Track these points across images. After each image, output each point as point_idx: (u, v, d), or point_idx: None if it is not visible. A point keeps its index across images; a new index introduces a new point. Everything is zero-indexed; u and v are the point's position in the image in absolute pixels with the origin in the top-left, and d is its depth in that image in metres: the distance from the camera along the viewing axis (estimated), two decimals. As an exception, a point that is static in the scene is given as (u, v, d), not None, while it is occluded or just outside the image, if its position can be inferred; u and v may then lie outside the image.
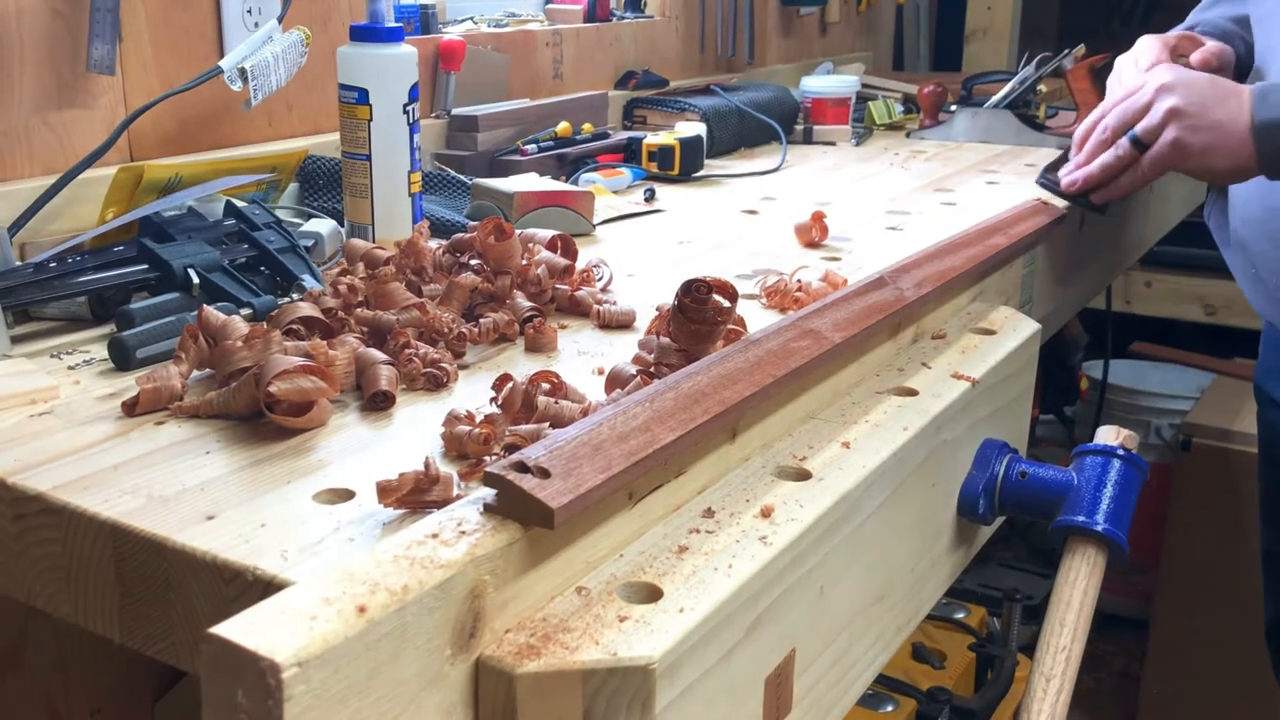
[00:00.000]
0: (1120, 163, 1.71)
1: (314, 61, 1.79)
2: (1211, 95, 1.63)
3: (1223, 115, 1.61)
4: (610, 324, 1.35)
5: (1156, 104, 1.65)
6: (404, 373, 1.14)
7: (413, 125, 1.59)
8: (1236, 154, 1.60)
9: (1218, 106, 1.61)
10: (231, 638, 0.62)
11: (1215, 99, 1.62)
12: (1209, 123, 1.61)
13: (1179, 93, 1.63)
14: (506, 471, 0.78)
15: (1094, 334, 3.87)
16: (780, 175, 2.38)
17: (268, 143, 1.88)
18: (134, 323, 1.21)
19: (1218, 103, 1.62)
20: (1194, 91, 1.63)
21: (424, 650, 0.70)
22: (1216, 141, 1.61)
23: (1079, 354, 3.88)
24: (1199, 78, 1.66)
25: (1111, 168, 1.72)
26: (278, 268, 1.38)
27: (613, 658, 0.73)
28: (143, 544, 0.85)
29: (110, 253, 1.33)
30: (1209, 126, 1.61)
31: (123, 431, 1.03)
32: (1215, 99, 1.62)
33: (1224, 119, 1.61)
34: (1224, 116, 1.61)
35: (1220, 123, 1.61)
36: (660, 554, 0.86)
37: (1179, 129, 1.62)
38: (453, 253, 1.41)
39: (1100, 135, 1.73)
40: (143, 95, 1.67)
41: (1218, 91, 1.63)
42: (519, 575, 0.77)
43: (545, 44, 2.53)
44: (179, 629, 0.84)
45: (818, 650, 0.97)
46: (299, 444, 1.01)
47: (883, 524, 1.06)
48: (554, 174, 2.09)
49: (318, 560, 0.81)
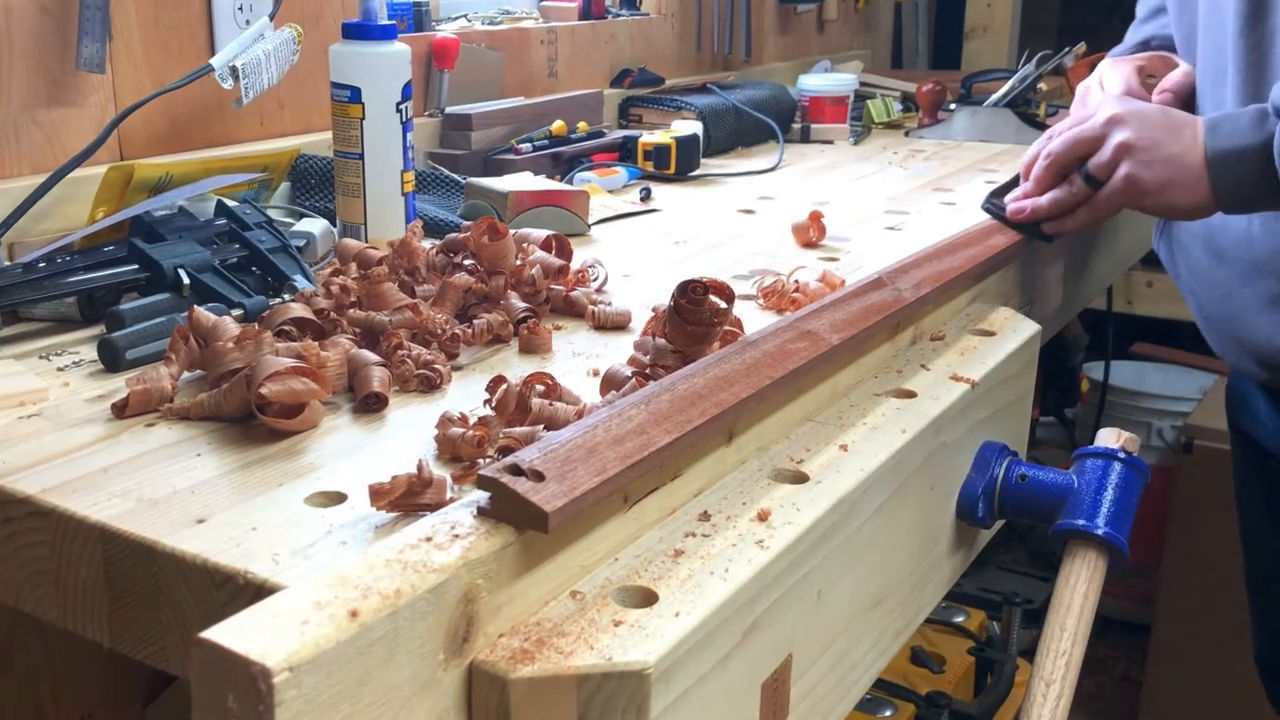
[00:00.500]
0: (1073, 199, 1.62)
1: (306, 59, 1.79)
2: (1164, 128, 1.55)
3: (1176, 149, 1.53)
4: (605, 325, 1.35)
5: (1108, 138, 1.56)
6: (397, 374, 1.14)
7: (406, 124, 1.59)
8: (1194, 189, 1.52)
9: (1171, 140, 1.53)
10: (222, 642, 0.62)
11: (1168, 132, 1.54)
12: (1163, 157, 1.53)
13: (1130, 126, 1.55)
14: (500, 474, 0.78)
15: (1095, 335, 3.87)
16: (777, 174, 2.38)
17: (259, 141, 1.88)
18: (124, 323, 1.21)
19: (1171, 136, 1.54)
20: (1146, 125, 1.55)
21: (417, 655, 0.70)
22: (1172, 177, 1.52)
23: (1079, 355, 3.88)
24: (1150, 110, 1.59)
25: (1063, 203, 1.63)
26: (269, 268, 1.38)
27: (607, 663, 0.73)
28: (132, 547, 0.85)
29: (100, 253, 1.33)
30: (1163, 161, 1.53)
31: (112, 434, 1.03)
32: (1168, 132, 1.54)
33: (1178, 152, 1.53)
34: (1178, 150, 1.53)
35: (1174, 156, 1.52)
36: (656, 558, 0.86)
37: (1132, 165, 1.54)
38: (446, 253, 1.41)
39: (1045, 162, 1.64)
40: (133, 93, 1.67)
41: (1170, 124, 1.56)
42: (513, 579, 0.77)
43: (540, 42, 2.53)
44: (169, 633, 0.84)
45: (815, 655, 0.97)
46: (290, 446, 1.01)
47: (881, 527, 1.07)
48: (549, 173, 2.09)
49: (309, 564, 0.81)
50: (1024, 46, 3.36)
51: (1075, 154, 1.60)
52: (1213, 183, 1.51)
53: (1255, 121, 1.49)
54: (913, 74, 3.75)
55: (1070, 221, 1.63)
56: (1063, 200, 1.62)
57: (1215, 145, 1.51)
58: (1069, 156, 1.60)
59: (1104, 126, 1.57)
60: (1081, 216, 1.62)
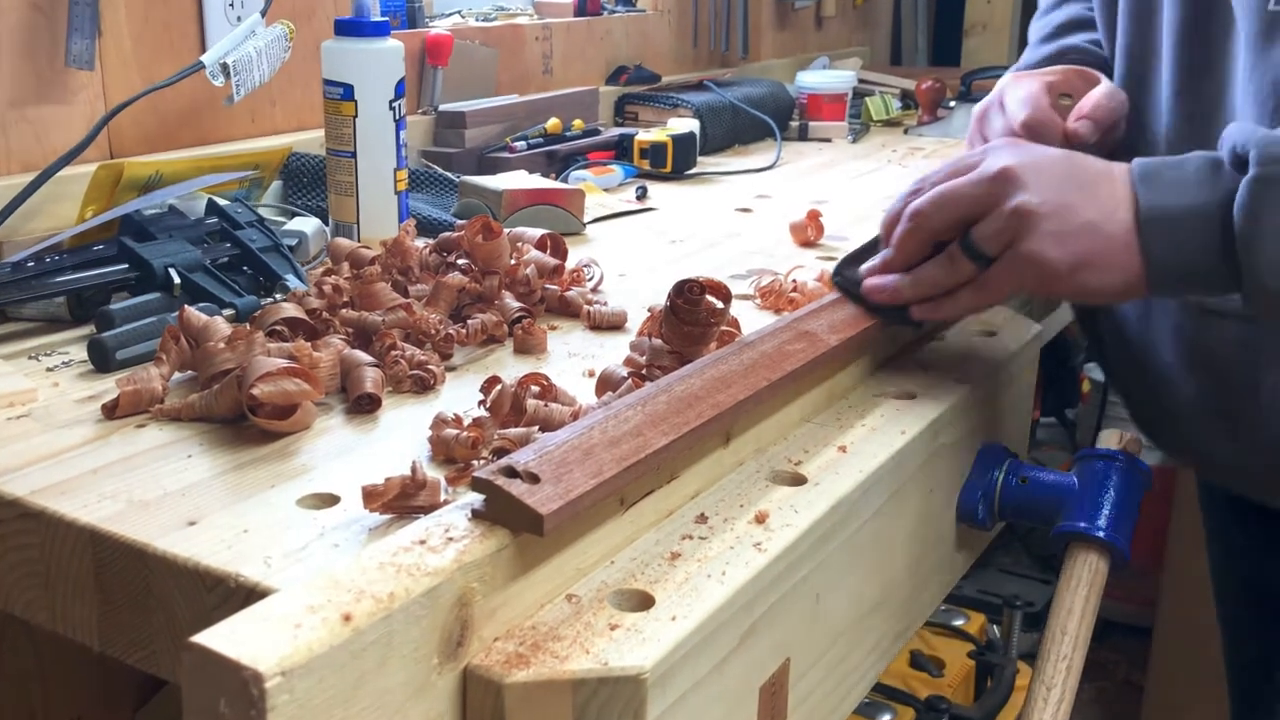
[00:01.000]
0: (951, 277, 1.18)
1: (298, 56, 1.79)
2: (1075, 183, 1.14)
3: (1094, 213, 1.12)
4: (601, 325, 1.35)
5: (1000, 200, 1.13)
6: (390, 375, 1.14)
7: (399, 121, 1.59)
8: (1118, 265, 1.12)
9: (1086, 201, 1.12)
10: (213, 646, 0.62)
11: (1081, 189, 1.13)
12: (1077, 226, 1.12)
13: (1030, 183, 1.13)
14: (495, 476, 0.78)
15: (1096, 335, 3.87)
16: (775, 173, 2.38)
17: (250, 139, 1.88)
18: (114, 323, 1.21)
19: (1086, 194, 1.13)
20: (1051, 180, 1.13)
21: (410, 659, 0.70)
22: (1090, 251, 1.11)
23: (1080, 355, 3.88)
24: (1054, 158, 1.17)
25: (936, 283, 1.19)
26: (261, 267, 1.38)
27: (604, 667, 0.73)
28: (123, 550, 0.85)
29: (89, 252, 1.33)
30: (1077, 231, 1.11)
31: (102, 435, 1.03)
32: (1081, 189, 1.13)
33: (1096, 218, 1.12)
34: (1096, 214, 1.12)
35: (1092, 224, 1.11)
36: (652, 561, 0.86)
37: (1035, 238, 1.12)
38: (440, 252, 1.41)
39: (908, 226, 1.19)
40: (123, 91, 1.67)
41: (1083, 177, 1.15)
42: (508, 582, 0.77)
43: (534, 38, 2.53)
44: (159, 637, 0.84)
45: (813, 659, 0.97)
46: (283, 448, 1.01)
47: (880, 530, 1.07)
48: (543, 171, 2.10)
49: (302, 567, 0.81)
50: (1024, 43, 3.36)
51: (952, 217, 1.17)
52: (1146, 254, 1.11)
53: (1205, 172, 1.11)
54: (912, 71, 3.75)
55: (949, 305, 1.20)
56: (936, 278, 1.19)
57: (1152, 202, 1.11)
58: (942, 220, 1.17)
59: (992, 182, 1.14)
60: (964, 301, 1.19)
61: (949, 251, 1.17)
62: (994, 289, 1.16)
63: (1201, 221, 1.09)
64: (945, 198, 1.16)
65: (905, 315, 1.21)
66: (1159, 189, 1.11)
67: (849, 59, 3.59)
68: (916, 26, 4.32)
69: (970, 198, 1.15)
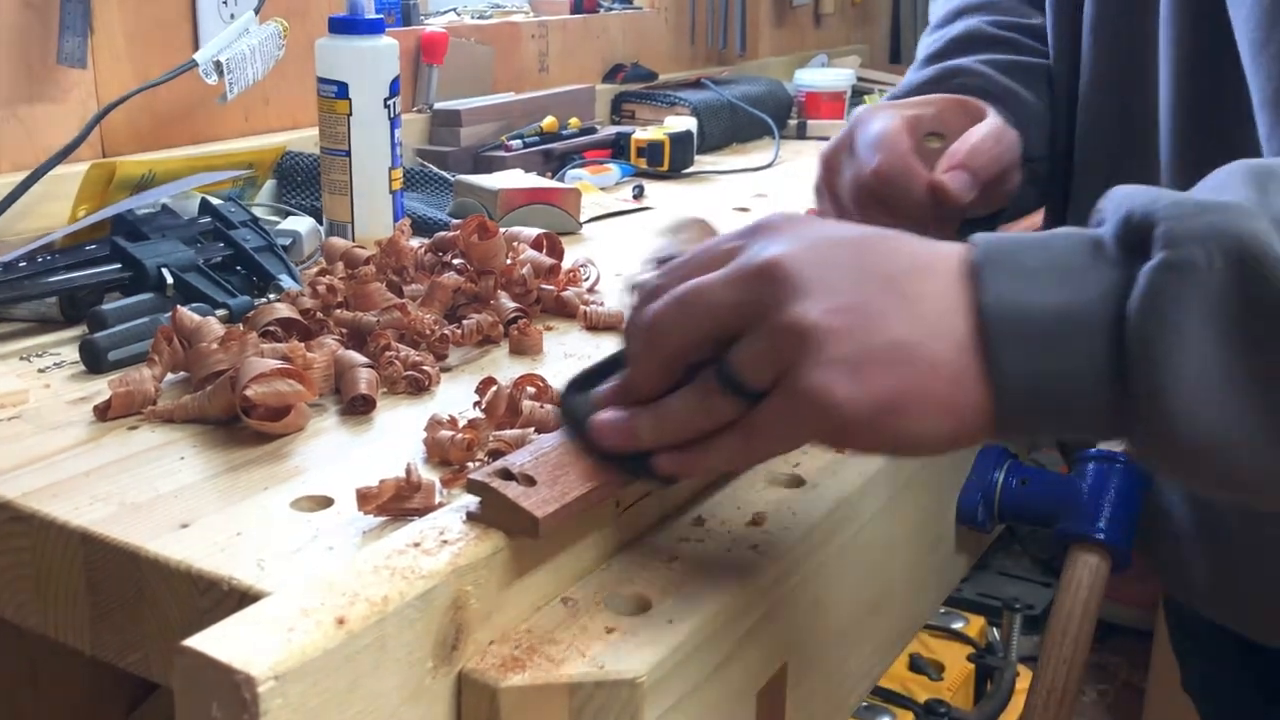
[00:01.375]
0: (704, 417, 0.77)
1: (292, 54, 1.79)
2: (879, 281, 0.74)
3: (906, 325, 0.72)
4: (598, 325, 1.35)
5: (768, 311, 0.73)
6: (384, 376, 1.14)
7: (394, 120, 1.59)
8: (952, 403, 0.72)
9: (895, 307, 0.73)
10: (206, 650, 0.62)
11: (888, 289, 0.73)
12: (881, 347, 0.71)
13: (810, 283, 0.72)
14: (490, 478, 0.78)
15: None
16: (773, 171, 2.38)
17: (244, 138, 1.88)
18: (106, 324, 1.21)
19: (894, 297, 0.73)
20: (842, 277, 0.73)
21: (405, 663, 0.70)
22: (904, 387, 0.72)
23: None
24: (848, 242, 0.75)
25: (686, 423, 0.77)
26: (254, 267, 1.38)
27: (600, 671, 0.73)
28: (114, 553, 0.84)
29: (82, 252, 1.33)
30: (882, 358, 0.71)
31: (94, 436, 1.03)
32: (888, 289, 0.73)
33: (911, 334, 0.72)
34: (909, 328, 0.72)
35: (905, 345, 0.72)
36: (649, 564, 0.86)
37: (818, 370, 0.71)
38: (435, 252, 1.41)
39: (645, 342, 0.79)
40: (115, 89, 1.67)
41: (891, 269, 0.74)
42: (503, 586, 0.77)
43: (530, 36, 2.53)
44: (152, 640, 0.84)
45: (811, 662, 0.97)
46: (276, 449, 1.01)
47: (879, 532, 1.07)
48: (539, 170, 2.09)
49: (295, 570, 0.81)
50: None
51: (699, 332, 0.76)
52: (994, 380, 0.71)
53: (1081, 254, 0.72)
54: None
55: (703, 456, 0.78)
56: (684, 418, 0.78)
57: (1004, 300, 0.71)
58: (685, 337, 0.77)
59: (755, 281, 0.74)
60: (725, 449, 0.77)
61: (700, 380, 0.77)
62: (764, 436, 0.76)
63: (1078, 327, 0.70)
64: (687, 303, 0.76)
65: (647, 467, 0.80)
66: (1013, 279, 0.72)
67: (848, 57, 3.59)
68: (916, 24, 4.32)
69: (723, 305, 0.75)
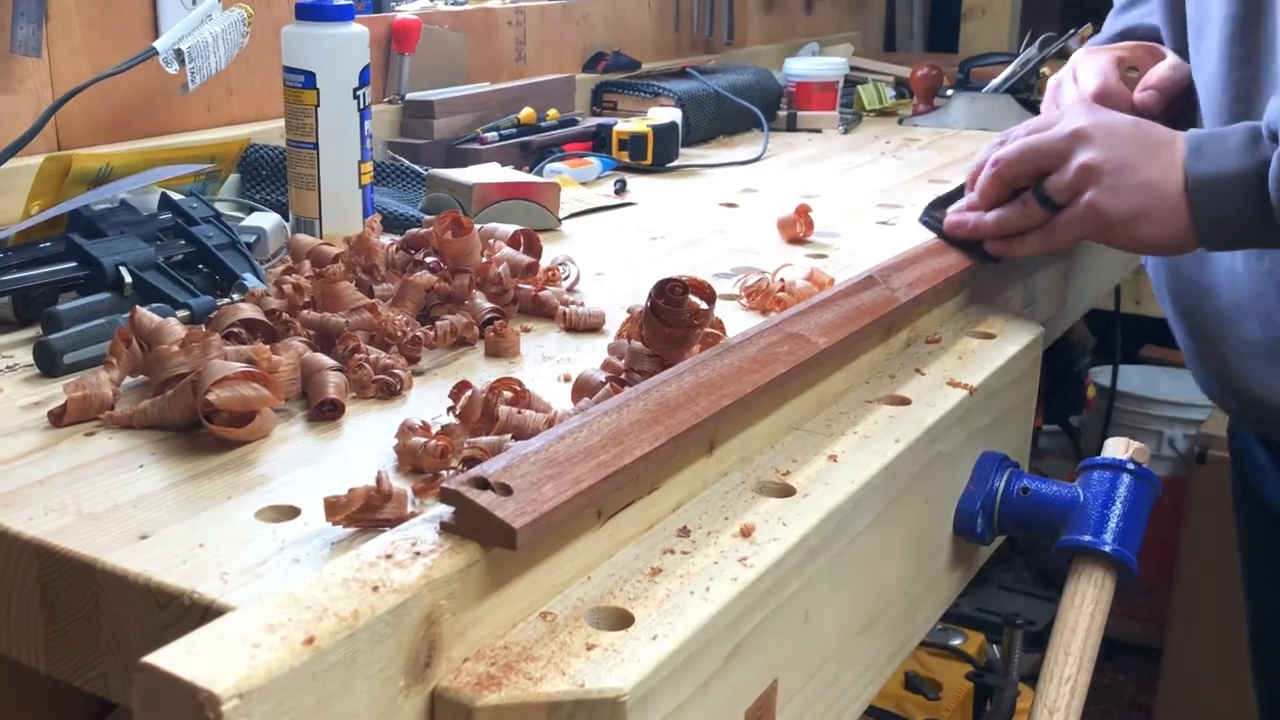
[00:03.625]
0: (1024, 220, 1.44)
1: (256, 42, 1.79)
2: (1138, 147, 1.38)
3: (1151, 173, 1.36)
4: (577, 327, 1.35)
5: (1070, 156, 1.39)
6: (354, 380, 1.14)
7: (364, 111, 1.59)
8: (1170, 222, 1.36)
9: (1146, 162, 1.37)
10: (166, 667, 0.62)
11: (1143, 152, 1.37)
12: (1135, 183, 1.36)
13: (1098, 143, 1.37)
14: (465, 488, 0.78)
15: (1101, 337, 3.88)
16: (762, 165, 2.38)
17: (206, 130, 1.88)
18: (61, 325, 1.21)
19: (1146, 157, 1.37)
20: (1117, 142, 1.38)
21: (375, 681, 0.70)
22: (1145, 207, 1.36)
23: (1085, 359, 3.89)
24: (1122, 123, 1.41)
25: (1011, 223, 1.45)
26: (217, 266, 1.38)
27: (580, 689, 0.74)
28: (70, 565, 0.84)
29: (36, 249, 1.33)
30: (1135, 188, 1.36)
31: (49, 443, 1.03)
32: (1143, 152, 1.37)
33: (1153, 178, 1.36)
34: (1153, 174, 1.36)
35: (1149, 183, 1.36)
36: (632, 576, 0.86)
37: (1098, 191, 1.37)
38: (407, 249, 1.41)
39: (991, 172, 1.46)
40: (71, 79, 1.66)
41: (1146, 142, 1.38)
42: (478, 600, 0.77)
43: (507, 23, 2.53)
44: (109, 657, 0.84)
45: (802, 680, 0.98)
46: (240, 457, 1.01)
47: (872, 544, 1.07)
48: (517, 164, 2.10)
49: (260, 583, 0.81)
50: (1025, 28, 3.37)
51: (1029, 168, 1.43)
52: (1193, 214, 1.36)
53: (1246, 143, 1.34)
54: (907, 57, 3.76)
55: (1019, 245, 1.47)
56: (1011, 220, 1.46)
57: (1198, 170, 1.35)
58: (1021, 170, 1.43)
59: (1066, 140, 1.39)
60: (1033, 243, 1.46)
61: (1024, 198, 1.43)
62: (1060, 234, 1.42)
63: (1240, 186, 1.33)
64: (1025, 150, 1.42)
65: (981, 250, 1.50)
66: (1205, 158, 1.35)
67: (840, 45, 3.60)
68: (912, 11, 4.33)
69: (1046, 152, 1.40)
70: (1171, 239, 1.38)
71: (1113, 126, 1.40)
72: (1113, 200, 1.37)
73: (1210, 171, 1.34)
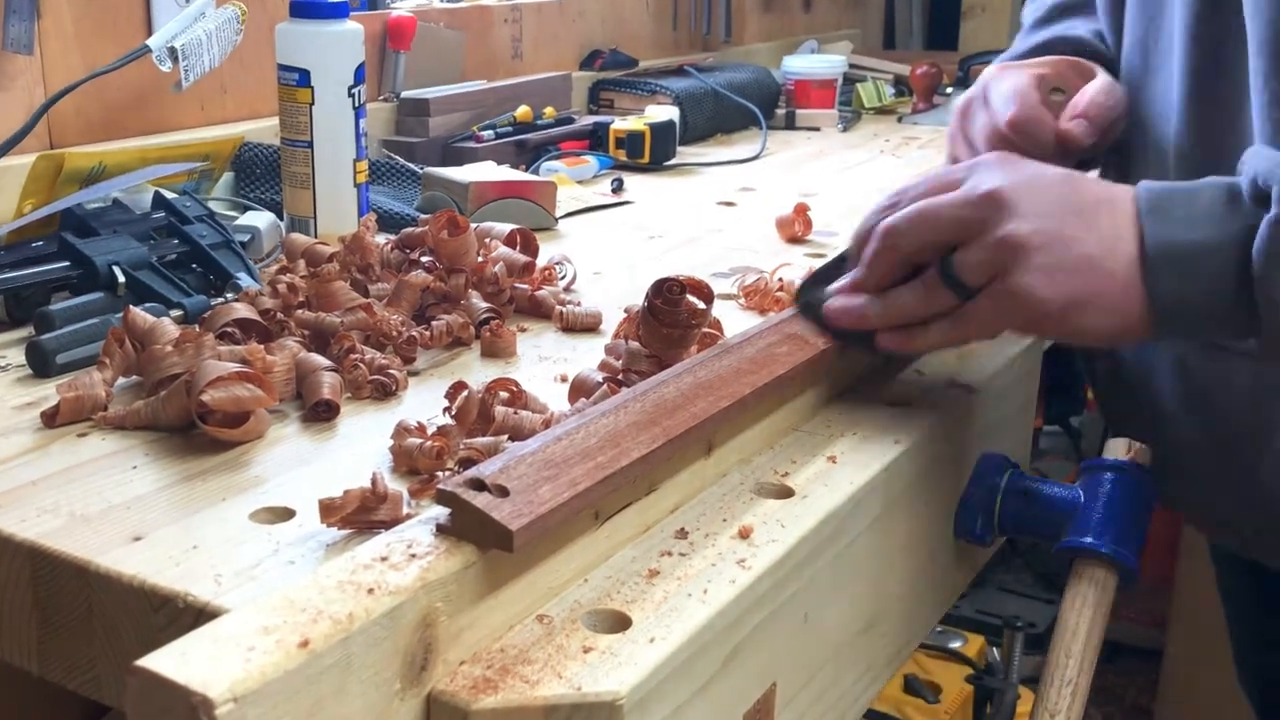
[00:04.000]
0: (925, 306, 1.09)
1: (250, 40, 1.79)
2: (1073, 211, 1.06)
3: (1093, 244, 1.05)
4: (574, 327, 1.35)
5: (986, 226, 1.05)
6: (349, 380, 1.14)
7: (358, 109, 1.59)
8: (1118, 306, 1.05)
9: (1085, 230, 1.05)
10: (160, 670, 0.62)
11: (1079, 217, 1.06)
12: (1072, 260, 1.04)
13: (1021, 208, 1.04)
14: (461, 489, 0.78)
15: (1102, 337, 3.88)
16: (760, 164, 2.38)
17: (200, 128, 1.88)
18: (54, 325, 1.21)
19: (1084, 223, 1.06)
20: (1046, 206, 1.05)
21: (371, 684, 0.70)
22: (1086, 289, 1.04)
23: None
24: (1050, 179, 1.08)
25: (910, 309, 1.10)
26: (211, 265, 1.38)
27: (577, 692, 0.74)
28: (63, 567, 0.84)
29: (28, 249, 1.33)
30: (1072, 266, 1.04)
31: (42, 444, 1.03)
32: (1079, 217, 1.06)
33: (1095, 251, 1.05)
34: (1095, 247, 1.05)
35: (1090, 259, 1.04)
36: (629, 579, 0.86)
37: (1024, 273, 1.04)
38: (402, 249, 1.41)
39: (881, 245, 1.10)
40: (64, 77, 1.66)
41: (1082, 202, 1.07)
42: (475, 602, 0.77)
43: (503, 20, 2.53)
44: (103, 660, 0.84)
45: (801, 683, 0.98)
46: (234, 458, 1.01)
47: (872, 546, 1.07)
48: (513, 162, 2.10)
49: (255, 585, 0.81)
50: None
51: (931, 239, 1.08)
52: (1150, 293, 1.05)
53: (1221, 203, 1.04)
54: (906, 55, 3.76)
55: (921, 337, 1.12)
56: (908, 306, 1.10)
57: (1159, 237, 1.04)
58: (920, 242, 1.09)
59: (979, 205, 1.06)
60: (938, 334, 1.11)
61: (925, 278, 1.09)
62: (974, 324, 1.09)
63: (1215, 260, 1.03)
64: (924, 217, 1.08)
65: (870, 342, 1.13)
66: (1169, 221, 1.05)
67: (839, 42, 3.60)
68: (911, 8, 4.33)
69: (952, 220, 1.07)
70: (1122, 328, 1.07)
71: (1038, 185, 1.07)
72: (1044, 284, 1.04)
73: (1177, 240, 1.04)
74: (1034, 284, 1.03)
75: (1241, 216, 1.02)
